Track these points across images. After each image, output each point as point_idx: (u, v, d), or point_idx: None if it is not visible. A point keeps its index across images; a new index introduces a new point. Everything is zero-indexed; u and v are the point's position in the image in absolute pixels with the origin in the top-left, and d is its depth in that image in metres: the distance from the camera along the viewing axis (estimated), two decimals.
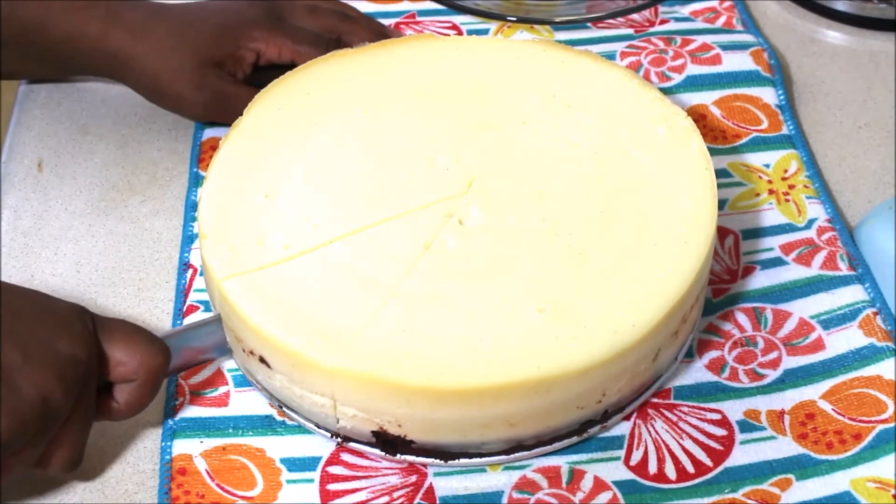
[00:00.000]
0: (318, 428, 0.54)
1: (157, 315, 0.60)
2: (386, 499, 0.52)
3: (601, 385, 0.52)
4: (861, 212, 0.65)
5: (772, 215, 0.64)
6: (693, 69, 0.71)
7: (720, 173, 0.65)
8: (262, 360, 0.53)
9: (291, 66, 0.64)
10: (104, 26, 0.64)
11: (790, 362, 0.57)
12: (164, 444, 0.54)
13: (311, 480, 0.53)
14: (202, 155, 0.68)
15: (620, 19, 0.75)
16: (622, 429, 0.55)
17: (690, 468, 0.53)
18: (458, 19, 0.76)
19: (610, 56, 0.72)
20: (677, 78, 0.71)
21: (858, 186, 0.67)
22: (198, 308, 0.60)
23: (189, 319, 0.59)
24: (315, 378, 0.51)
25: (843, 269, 0.60)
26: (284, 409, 0.55)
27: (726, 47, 0.72)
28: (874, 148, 0.69)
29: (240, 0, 0.68)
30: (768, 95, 0.70)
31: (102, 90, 0.73)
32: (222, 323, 0.55)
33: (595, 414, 0.53)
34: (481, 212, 0.56)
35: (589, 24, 0.75)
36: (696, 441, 0.54)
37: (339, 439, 0.53)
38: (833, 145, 0.69)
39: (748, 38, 0.73)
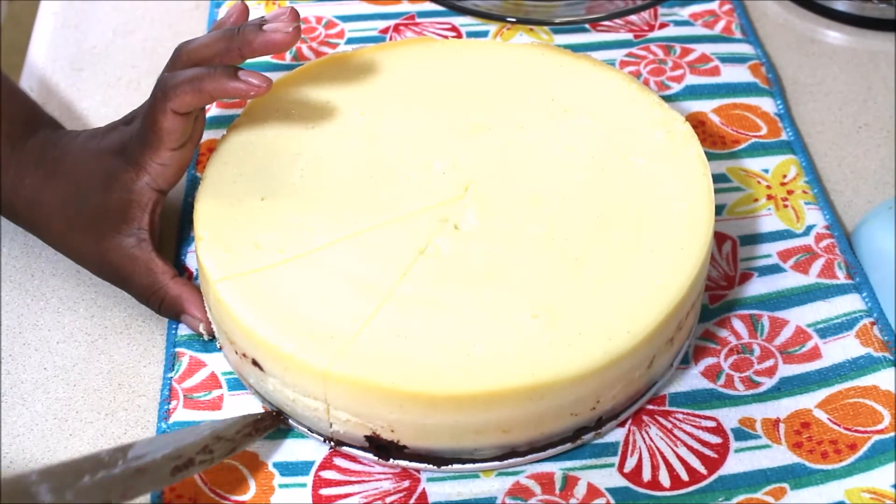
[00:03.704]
0: (311, 432, 0.54)
1: (154, 316, 0.60)
2: (379, 503, 0.52)
3: (595, 392, 0.52)
4: (861, 212, 0.65)
5: (770, 221, 0.63)
6: (692, 79, 0.71)
7: (719, 178, 0.65)
8: (254, 362, 0.53)
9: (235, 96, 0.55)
10: (12, 192, 0.59)
11: (786, 370, 0.57)
12: None
13: (304, 485, 0.53)
14: (199, 157, 0.67)
15: (620, 21, 0.75)
16: (616, 435, 0.54)
17: (684, 476, 0.53)
18: (458, 21, 0.76)
19: (609, 64, 0.71)
20: (676, 87, 0.71)
21: (858, 186, 0.67)
22: None
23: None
24: (307, 382, 0.51)
25: (841, 278, 0.60)
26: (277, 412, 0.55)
27: (725, 59, 0.72)
28: (874, 148, 0.69)
29: (98, 150, 0.59)
30: (767, 105, 0.70)
31: (101, 90, 0.73)
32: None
33: (589, 420, 0.53)
34: (477, 216, 0.56)
35: (588, 27, 0.75)
36: (690, 448, 0.54)
37: (331, 443, 0.53)
38: (833, 145, 0.69)
39: (747, 49, 0.73)
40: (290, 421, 0.54)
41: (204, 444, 0.51)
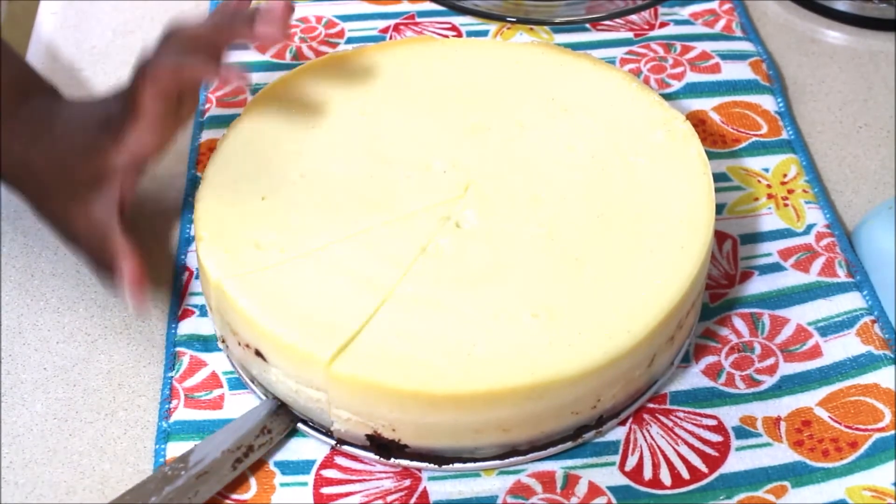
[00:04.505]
0: (313, 429, 0.54)
1: (154, 316, 0.60)
2: (380, 502, 0.52)
3: (596, 391, 0.52)
4: (861, 212, 0.65)
5: (770, 220, 0.63)
6: (692, 77, 0.71)
7: (719, 177, 0.65)
8: (257, 353, 0.53)
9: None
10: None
11: (787, 369, 0.57)
12: (157, 446, 0.54)
13: (305, 484, 0.53)
14: (200, 157, 0.68)
15: (620, 21, 0.75)
16: (617, 434, 0.54)
17: (686, 474, 0.53)
18: (458, 20, 0.76)
19: (609, 62, 0.71)
20: (677, 85, 0.71)
21: (858, 186, 0.67)
22: (193, 312, 0.60)
23: (185, 323, 0.59)
24: (309, 371, 0.51)
25: (842, 276, 0.60)
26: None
27: (725, 56, 0.72)
28: (874, 148, 0.69)
29: (84, 123, 0.58)
30: (767, 103, 0.70)
31: (101, 90, 0.73)
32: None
33: (590, 419, 0.53)
34: (477, 216, 0.56)
35: (588, 26, 0.75)
36: (691, 447, 0.54)
37: (333, 440, 0.53)
38: (833, 145, 0.69)
39: (747, 46, 0.73)
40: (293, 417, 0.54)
41: (262, 426, 0.53)
